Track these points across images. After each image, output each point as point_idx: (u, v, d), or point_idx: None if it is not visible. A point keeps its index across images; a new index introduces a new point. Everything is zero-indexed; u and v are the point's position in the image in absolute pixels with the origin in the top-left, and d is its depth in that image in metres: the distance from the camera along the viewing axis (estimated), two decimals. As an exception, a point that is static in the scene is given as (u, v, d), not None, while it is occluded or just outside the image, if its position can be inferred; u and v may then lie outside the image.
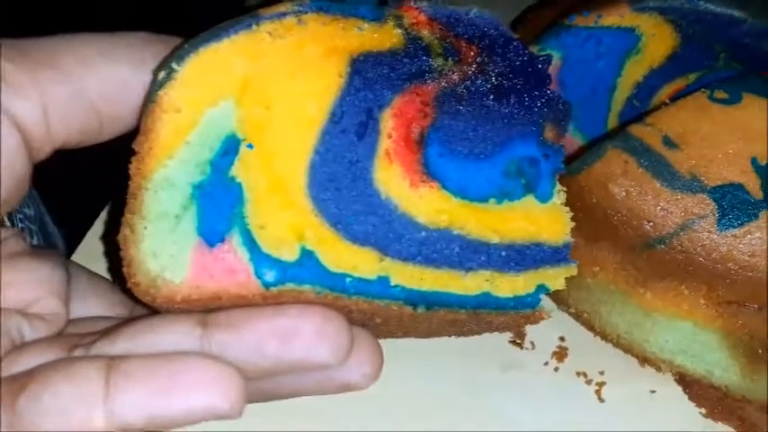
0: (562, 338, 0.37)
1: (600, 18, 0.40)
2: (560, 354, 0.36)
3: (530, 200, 0.29)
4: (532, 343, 0.37)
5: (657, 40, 0.40)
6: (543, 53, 0.29)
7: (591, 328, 0.37)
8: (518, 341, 0.37)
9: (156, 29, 0.29)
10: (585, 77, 0.42)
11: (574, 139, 0.46)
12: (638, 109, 0.42)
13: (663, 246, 0.31)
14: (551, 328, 0.37)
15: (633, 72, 0.41)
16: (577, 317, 0.37)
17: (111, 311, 0.30)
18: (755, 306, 0.31)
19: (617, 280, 0.34)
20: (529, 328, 0.33)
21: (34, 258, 0.27)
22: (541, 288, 0.29)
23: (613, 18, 0.39)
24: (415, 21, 0.28)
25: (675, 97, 0.41)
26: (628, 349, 0.36)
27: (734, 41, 0.38)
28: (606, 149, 0.33)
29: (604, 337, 0.37)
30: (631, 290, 0.34)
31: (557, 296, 0.37)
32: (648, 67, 0.41)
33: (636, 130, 0.33)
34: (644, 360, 0.36)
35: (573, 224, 0.34)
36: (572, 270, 0.29)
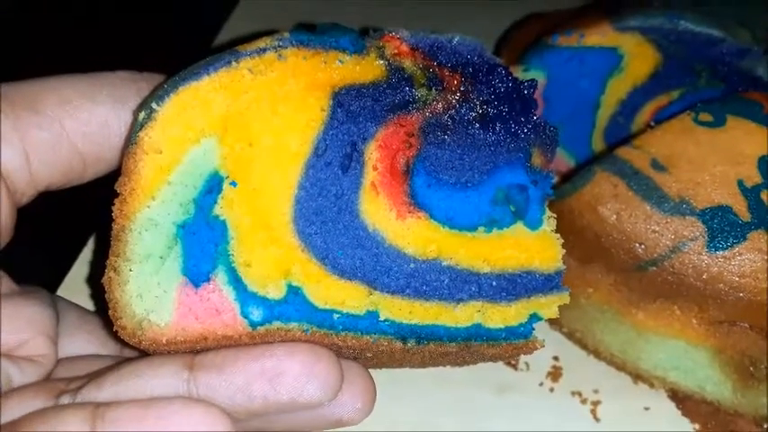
0: (556, 358, 0.36)
1: (582, 38, 0.39)
2: (555, 374, 0.35)
3: (519, 227, 0.28)
4: (527, 364, 0.36)
5: (640, 59, 0.39)
6: (528, 78, 0.28)
7: (584, 346, 0.36)
8: (512, 362, 0.36)
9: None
10: (570, 96, 0.42)
11: (560, 155, 0.45)
12: (623, 126, 0.41)
13: (654, 267, 0.30)
14: (545, 348, 0.36)
15: (616, 90, 0.40)
16: (570, 336, 0.36)
17: (102, 348, 0.28)
18: (746, 325, 0.30)
19: (610, 300, 0.33)
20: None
21: (22, 299, 0.26)
22: (534, 317, 0.28)
23: (596, 38, 0.39)
24: (397, 51, 0.27)
25: (659, 116, 0.40)
26: (621, 367, 0.35)
27: (714, 60, 0.37)
28: (595, 172, 0.32)
29: (598, 355, 0.35)
30: (624, 310, 0.33)
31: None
32: (631, 85, 0.40)
33: (624, 152, 0.32)
34: (637, 377, 0.35)
35: (565, 246, 0.33)
36: (565, 298, 0.28)
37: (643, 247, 0.30)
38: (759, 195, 0.29)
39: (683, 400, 0.34)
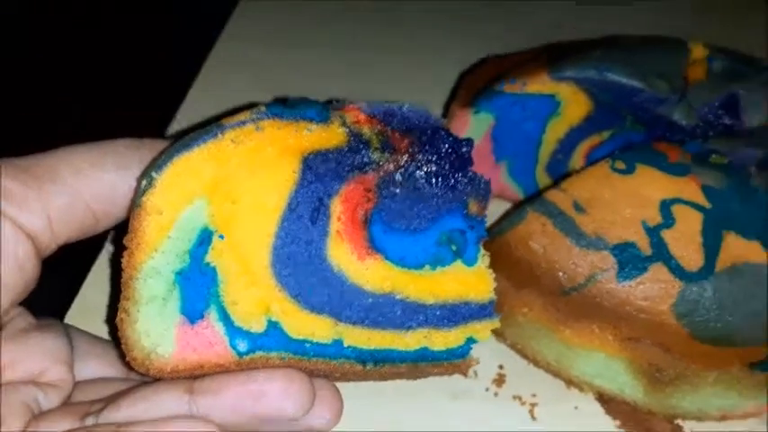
0: (501, 366, 0.41)
1: (524, 86, 0.43)
2: (499, 380, 0.40)
3: (458, 264, 0.32)
4: (475, 372, 0.41)
5: (574, 105, 0.43)
6: (466, 138, 0.32)
7: (525, 356, 0.41)
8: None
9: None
10: (515, 135, 0.46)
11: (509, 186, 0.50)
12: (562, 161, 0.46)
13: (576, 292, 0.35)
14: (492, 358, 0.41)
15: (555, 131, 0.45)
16: (513, 347, 0.41)
17: (110, 370, 0.33)
18: (649, 341, 0.35)
19: (542, 319, 0.38)
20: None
21: (40, 331, 0.30)
22: (470, 340, 0.32)
23: (536, 86, 0.43)
24: (356, 119, 0.31)
25: (592, 153, 0.45)
26: (556, 374, 0.40)
27: (636, 107, 0.42)
28: (527, 212, 0.37)
29: (536, 364, 0.40)
30: (554, 327, 0.37)
31: (495, 330, 0.41)
32: (568, 127, 0.45)
33: (551, 195, 0.37)
34: (569, 383, 0.40)
35: (504, 272, 0.38)
36: (496, 323, 0.32)
37: (565, 275, 0.35)
38: (659, 234, 0.34)
39: (607, 402, 0.39)
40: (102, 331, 0.39)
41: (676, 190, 0.35)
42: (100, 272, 0.44)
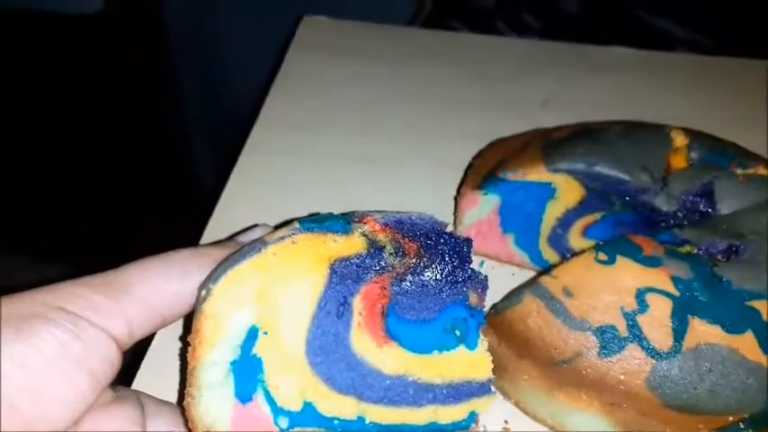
0: (506, 422, 0.46)
1: (525, 175, 0.49)
2: None
3: (462, 348, 0.37)
4: (484, 426, 0.46)
5: (568, 191, 0.49)
6: (466, 239, 0.38)
7: (527, 413, 0.45)
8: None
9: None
10: (519, 213, 0.52)
11: (516, 253, 0.55)
12: (561, 235, 0.51)
13: (566, 365, 0.41)
14: (498, 413, 0.47)
15: (554, 211, 0.50)
16: (516, 405, 0.46)
17: (177, 428, 0.39)
18: (628, 407, 0.40)
19: (539, 384, 0.42)
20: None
21: (118, 403, 0.35)
22: (473, 414, 0.37)
23: (534, 175, 0.48)
24: (373, 228, 0.36)
25: (588, 230, 0.51)
26: (553, 428, 0.45)
27: (623, 194, 0.47)
28: (525, 295, 0.42)
29: (536, 420, 0.45)
30: (549, 392, 0.42)
31: (502, 390, 0.46)
32: (564, 208, 0.50)
33: (545, 280, 0.42)
34: None
35: (507, 343, 0.44)
36: (494, 398, 0.37)
37: (557, 351, 0.41)
38: (635, 318, 0.39)
39: (599, 454, 0.45)
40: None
41: (650, 280, 0.40)
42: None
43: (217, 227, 0.58)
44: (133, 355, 0.50)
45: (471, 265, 0.38)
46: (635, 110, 0.64)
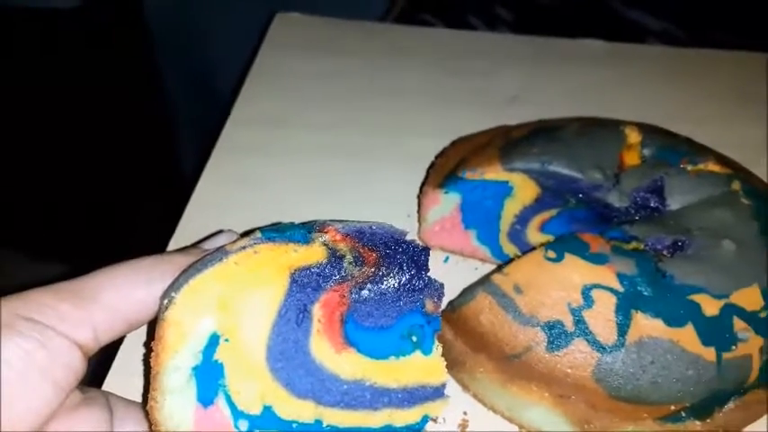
0: (465, 413, 0.47)
1: (483, 174, 0.50)
2: (464, 425, 0.47)
3: (417, 354, 0.38)
4: (444, 418, 0.47)
5: (525, 189, 0.50)
6: (424, 247, 0.38)
7: (484, 405, 0.47)
8: (433, 417, 0.48)
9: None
10: (479, 210, 0.53)
11: (479, 248, 0.57)
12: (520, 231, 0.53)
13: (517, 359, 0.42)
14: (457, 405, 0.48)
15: (511, 208, 0.52)
16: (475, 397, 0.47)
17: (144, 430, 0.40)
18: (576, 399, 0.41)
19: (494, 378, 0.44)
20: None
21: (87, 404, 0.37)
22: (426, 417, 0.39)
23: (491, 174, 0.50)
24: (333, 238, 0.37)
25: (545, 225, 0.52)
26: (510, 420, 0.46)
27: (576, 191, 0.48)
28: (478, 292, 0.44)
29: (494, 411, 0.47)
30: (504, 384, 0.44)
31: (461, 383, 0.48)
32: (522, 206, 0.51)
33: (496, 278, 0.43)
34: (522, 427, 0.46)
35: (463, 338, 0.45)
36: (447, 402, 0.39)
37: (508, 346, 0.42)
38: (581, 313, 0.41)
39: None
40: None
41: (595, 276, 0.42)
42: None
43: (188, 226, 0.59)
44: (104, 356, 0.51)
45: (428, 274, 0.39)
46: (605, 104, 0.65)
